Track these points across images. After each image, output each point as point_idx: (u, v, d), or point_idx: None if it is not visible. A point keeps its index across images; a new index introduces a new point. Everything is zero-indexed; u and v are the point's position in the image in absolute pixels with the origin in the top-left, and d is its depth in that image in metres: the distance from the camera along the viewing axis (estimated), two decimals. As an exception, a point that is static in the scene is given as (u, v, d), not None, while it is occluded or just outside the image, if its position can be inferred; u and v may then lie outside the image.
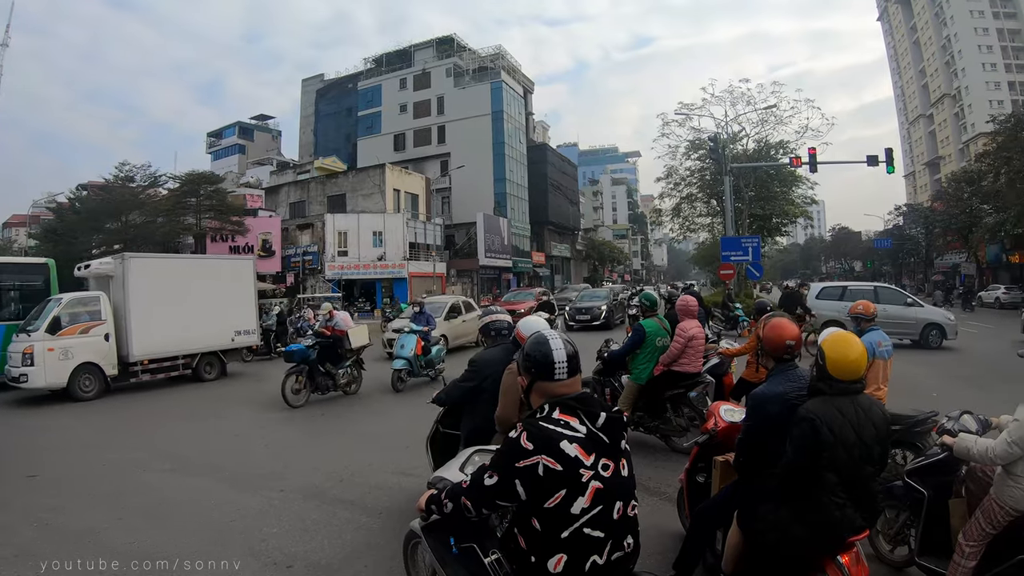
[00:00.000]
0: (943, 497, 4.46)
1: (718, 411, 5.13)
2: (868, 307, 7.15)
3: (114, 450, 9.24)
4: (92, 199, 48.43)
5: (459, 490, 2.89)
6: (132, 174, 46.01)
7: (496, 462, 2.66)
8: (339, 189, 55.95)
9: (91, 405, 13.22)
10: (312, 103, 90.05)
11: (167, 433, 10.39)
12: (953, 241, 59.63)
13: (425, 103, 71.77)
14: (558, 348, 2.77)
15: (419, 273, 50.39)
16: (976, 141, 68.60)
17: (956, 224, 53.57)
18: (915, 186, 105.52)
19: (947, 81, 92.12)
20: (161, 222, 45.16)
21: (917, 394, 10.70)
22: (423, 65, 73.09)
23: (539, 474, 2.49)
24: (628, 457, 2.74)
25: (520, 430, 2.58)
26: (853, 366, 3.52)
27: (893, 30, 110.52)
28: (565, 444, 2.51)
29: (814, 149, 29.51)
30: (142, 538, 5.82)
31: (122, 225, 44.42)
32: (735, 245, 28.15)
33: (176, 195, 46.78)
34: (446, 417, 6.03)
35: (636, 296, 21.71)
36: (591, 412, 2.63)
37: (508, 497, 2.61)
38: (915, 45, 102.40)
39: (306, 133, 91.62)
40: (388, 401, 12.88)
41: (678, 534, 5.29)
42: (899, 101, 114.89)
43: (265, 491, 7.14)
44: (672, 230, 49.35)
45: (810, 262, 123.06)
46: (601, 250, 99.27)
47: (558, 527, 2.51)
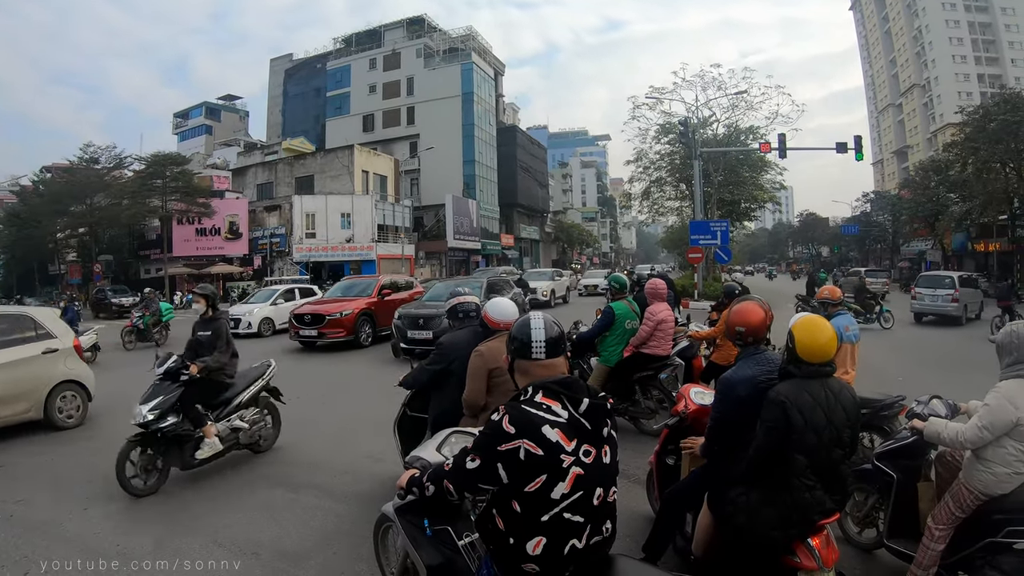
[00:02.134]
0: (912, 480, 4.54)
1: (688, 393, 5.13)
2: (834, 292, 7.25)
3: (78, 440, 9.07)
4: (56, 182, 47.89)
5: (441, 472, 2.85)
6: (97, 156, 45.53)
7: (478, 445, 2.64)
8: (307, 170, 55.79)
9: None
10: (280, 83, 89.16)
11: (127, 421, 10.11)
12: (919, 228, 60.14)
13: (395, 84, 71.43)
14: (538, 328, 2.81)
15: (387, 255, 50.41)
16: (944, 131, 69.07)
17: (923, 212, 54.05)
18: (883, 174, 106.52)
19: (917, 71, 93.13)
20: (126, 204, 44.69)
21: (883, 378, 10.81)
22: (393, 45, 72.70)
23: (520, 458, 2.48)
24: (613, 444, 2.73)
25: (502, 413, 2.57)
26: (823, 349, 3.54)
27: (865, 20, 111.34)
28: (547, 429, 2.50)
29: (783, 135, 29.64)
30: (106, 529, 5.73)
31: (87, 208, 43.97)
32: (704, 229, 28.35)
33: (142, 177, 46.31)
34: (413, 400, 6.00)
35: None
36: (574, 398, 2.61)
37: (490, 480, 2.59)
38: (886, 35, 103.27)
39: (274, 114, 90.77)
40: (354, 384, 12.77)
41: (647, 516, 5.34)
42: (869, 90, 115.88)
43: (230, 478, 7.08)
44: (641, 213, 49.42)
45: (778, 247, 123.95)
46: (570, 233, 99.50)
47: (538, 511, 2.51)
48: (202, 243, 49.03)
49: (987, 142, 37.13)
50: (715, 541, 3.92)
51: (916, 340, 18.55)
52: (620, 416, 8.44)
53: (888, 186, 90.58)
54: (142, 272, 51.73)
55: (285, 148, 64.90)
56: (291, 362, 15.73)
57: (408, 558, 3.59)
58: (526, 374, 2.81)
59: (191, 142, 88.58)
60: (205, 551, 5.23)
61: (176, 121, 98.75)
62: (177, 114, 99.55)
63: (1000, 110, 36.89)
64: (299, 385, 12.50)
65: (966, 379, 11.09)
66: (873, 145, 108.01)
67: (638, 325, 8.35)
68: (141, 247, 52.49)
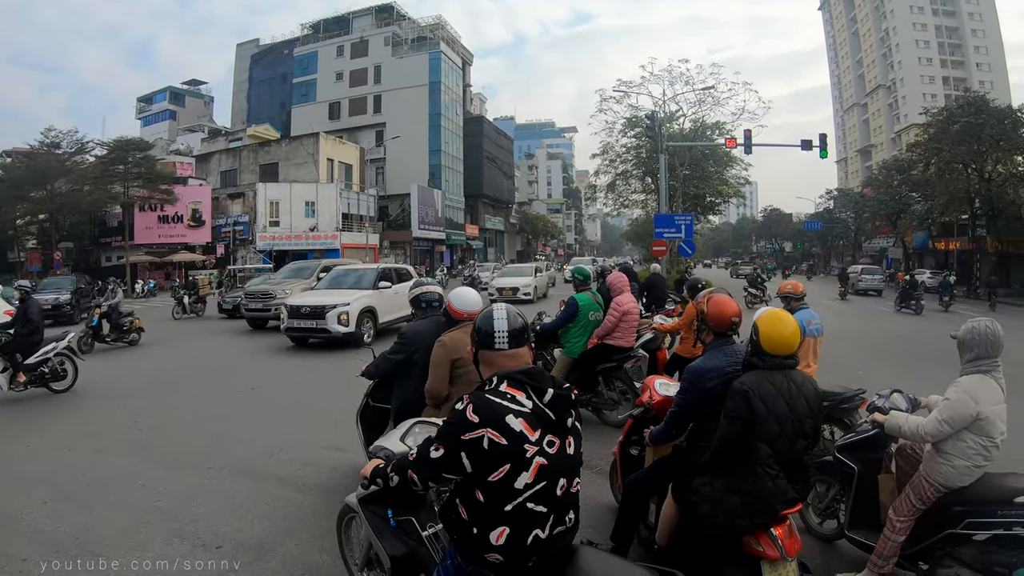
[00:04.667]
0: (872, 473, 4.62)
1: (653, 385, 5.15)
2: (797, 287, 7.24)
3: (36, 432, 8.90)
4: (16, 167, 46.92)
5: (405, 463, 2.84)
6: (58, 140, 44.74)
7: (442, 434, 2.64)
8: (272, 158, 55.41)
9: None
10: (246, 69, 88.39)
11: (92, 412, 10.01)
12: (882, 226, 61.27)
13: (362, 72, 71.24)
14: (500, 319, 2.84)
15: (352, 244, 50.13)
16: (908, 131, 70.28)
17: (885, 210, 55.08)
18: (847, 172, 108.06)
19: (883, 72, 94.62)
20: (88, 191, 43.96)
21: (843, 372, 10.88)
22: (361, 33, 72.46)
23: (484, 447, 2.48)
24: (576, 435, 2.74)
25: (467, 402, 2.58)
26: (786, 341, 3.62)
27: (833, 20, 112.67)
28: (511, 418, 2.51)
29: (749, 131, 29.80)
30: (67, 522, 5.67)
31: (47, 194, 43.23)
32: (668, 222, 28.35)
33: (104, 162, 45.53)
34: (376, 390, 5.99)
35: None
36: (539, 387, 2.63)
37: (454, 470, 2.59)
38: (854, 36, 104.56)
39: (239, 100, 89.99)
40: (317, 374, 12.73)
41: (611, 507, 5.37)
42: (835, 89, 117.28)
43: (193, 469, 7.02)
44: (606, 206, 49.54)
45: (741, 241, 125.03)
46: (535, 224, 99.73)
47: (501, 500, 2.52)
48: (164, 231, 48.61)
49: (950, 143, 37.80)
50: (679, 530, 3.99)
51: (877, 334, 18.88)
52: (583, 407, 8.47)
53: (852, 184, 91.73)
54: (103, 260, 51.14)
55: (250, 135, 64.28)
56: (251, 351, 15.96)
57: (372, 549, 3.61)
58: (490, 364, 2.83)
59: (154, 127, 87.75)
60: (168, 545, 5.20)
61: (140, 106, 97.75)
62: (141, 98, 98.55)
63: (964, 112, 37.57)
64: (260, 375, 12.55)
65: (925, 373, 11.45)
66: (838, 143, 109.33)
67: (602, 317, 8.42)
68: (102, 234, 51.92)
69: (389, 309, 17.42)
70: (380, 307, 17.01)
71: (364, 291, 17.04)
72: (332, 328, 15.43)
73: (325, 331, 15.53)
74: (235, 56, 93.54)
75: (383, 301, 17.16)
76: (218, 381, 12.16)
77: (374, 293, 17.04)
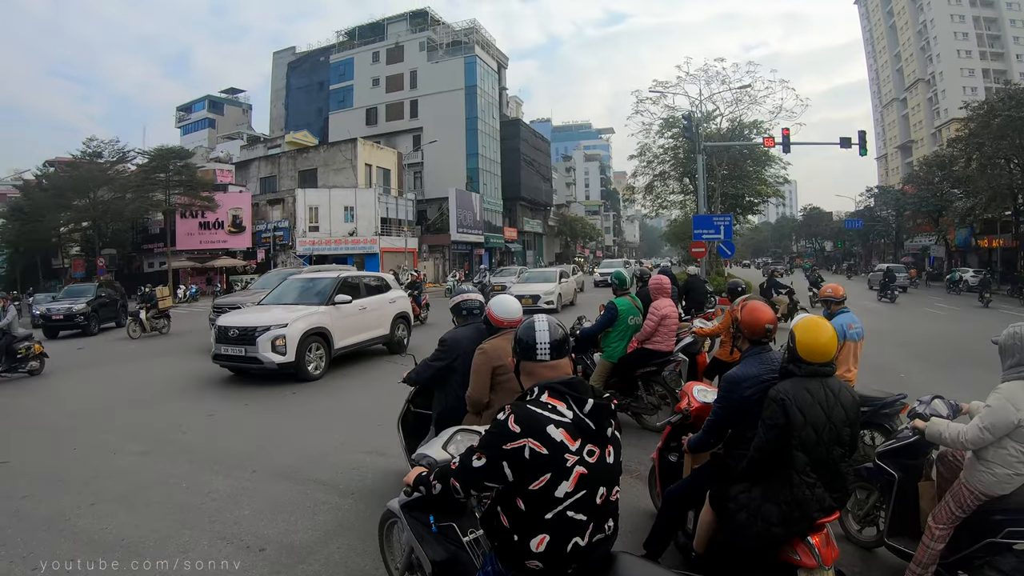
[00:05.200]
0: (913, 480, 4.54)
1: (691, 391, 5.17)
2: (837, 290, 7.16)
3: (84, 433, 9.13)
4: (59, 176, 48.06)
5: (448, 471, 2.90)
6: (100, 150, 45.63)
7: (484, 444, 2.68)
8: (310, 164, 55.72)
9: (51, 387, 13.06)
10: (283, 76, 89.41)
11: (137, 415, 10.19)
12: (923, 224, 60.24)
13: (398, 77, 71.28)
14: (542, 330, 2.88)
15: (391, 248, 50.47)
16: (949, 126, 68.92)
17: (927, 207, 54.08)
18: (887, 168, 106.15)
19: (922, 66, 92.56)
20: (130, 198, 44.91)
21: (885, 374, 10.85)
22: (396, 39, 72.55)
23: (525, 457, 2.52)
24: (616, 444, 2.76)
25: (508, 412, 2.62)
26: (823, 349, 3.59)
27: (870, 13, 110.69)
28: (551, 428, 2.54)
29: (787, 130, 29.50)
30: (114, 523, 5.76)
31: (90, 202, 44.06)
32: (707, 223, 28.11)
33: (145, 171, 46.51)
34: (417, 396, 6.03)
35: None
36: (579, 398, 2.65)
37: (496, 479, 2.64)
38: (891, 29, 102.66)
39: (277, 107, 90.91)
40: (358, 380, 12.77)
41: (649, 512, 5.35)
42: (873, 84, 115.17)
43: (237, 472, 7.11)
44: (644, 207, 49.30)
45: (781, 241, 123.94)
46: (573, 226, 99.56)
47: (542, 509, 2.55)
48: (205, 236, 49.29)
49: (991, 138, 37.08)
50: (716, 538, 3.96)
51: (919, 336, 18.44)
52: (623, 412, 8.45)
53: (892, 181, 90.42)
54: (145, 266, 52.07)
55: (288, 142, 64.83)
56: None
57: (413, 553, 3.62)
58: (531, 375, 2.87)
59: (194, 135, 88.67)
60: (212, 547, 5.26)
61: (179, 115, 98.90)
62: (180, 107, 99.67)
63: (1005, 106, 36.78)
64: (297, 381, 12.49)
65: (967, 376, 11.19)
66: (877, 140, 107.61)
67: (641, 321, 8.38)
68: (144, 241, 52.72)
69: (350, 330, 13.92)
70: (336, 328, 13.36)
71: (312, 308, 13.26)
72: (263, 357, 11.93)
73: (255, 361, 12.05)
74: (272, 64, 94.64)
75: (341, 321, 13.57)
76: (264, 389, 12.14)
77: (327, 310, 13.35)
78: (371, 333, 14.75)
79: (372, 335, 14.80)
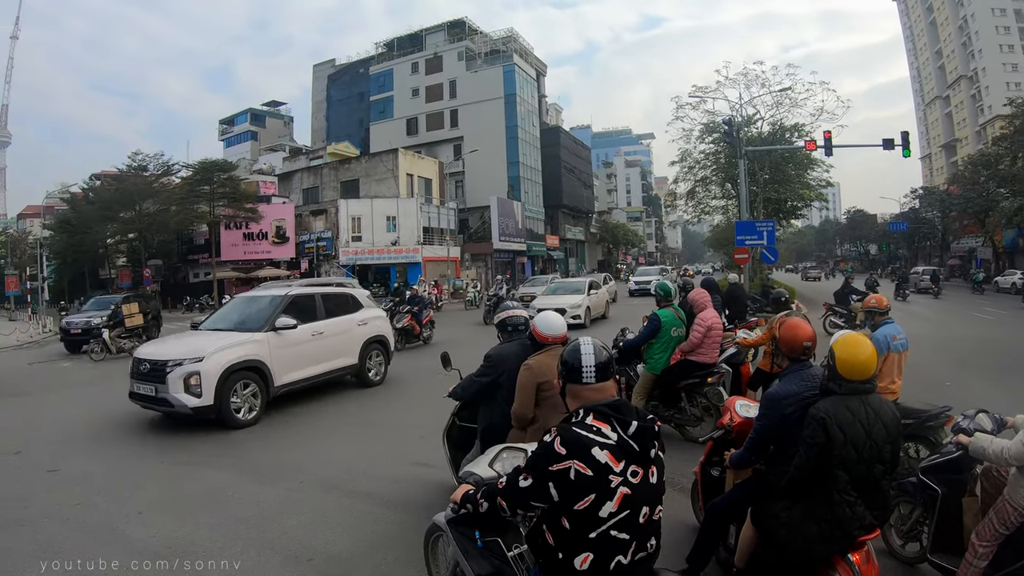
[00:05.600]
0: (957, 495, 4.48)
1: (734, 406, 5.15)
2: (881, 301, 7.01)
3: (132, 443, 9.31)
4: (106, 189, 49.19)
5: (495, 490, 2.98)
6: (145, 163, 46.59)
7: (531, 464, 2.74)
8: (352, 174, 56.18)
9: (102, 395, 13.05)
10: (324, 88, 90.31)
11: (185, 424, 10.17)
12: (969, 225, 58.99)
13: (437, 87, 71.61)
14: (588, 353, 2.90)
15: (433, 257, 50.75)
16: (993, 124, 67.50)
17: (972, 208, 53.03)
18: (931, 168, 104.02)
19: (964, 62, 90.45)
20: (175, 210, 45.85)
21: (930, 383, 10.65)
22: (435, 49, 72.90)
23: (571, 478, 2.57)
24: (659, 464, 2.81)
25: (554, 434, 2.67)
26: (863, 366, 3.57)
27: (909, 10, 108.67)
28: (596, 451, 2.59)
29: (829, 133, 29.13)
30: (162, 532, 5.86)
31: (136, 214, 45.01)
32: (750, 229, 27.83)
33: (189, 183, 47.42)
34: (462, 410, 6.08)
35: None
36: (623, 420, 2.70)
37: (542, 498, 2.69)
38: (931, 25, 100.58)
39: (318, 119, 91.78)
40: (402, 392, 12.76)
41: (691, 526, 5.33)
42: (915, 82, 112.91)
43: (284, 483, 7.18)
44: (686, 213, 48.89)
45: (825, 245, 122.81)
46: (615, 233, 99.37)
47: (586, 528, 2.60)
48: (250, 247, 49.85)
49: (1037, 135, 36.25)
50: (757, 554, 3.99)
51: (964, 342, 18.01)
52: (666, 423, 8.44)
53: (937, 181, 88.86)
54: (191, 276, 52.84)
55: (330, 153, 65.53)
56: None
57: (458, 567, 3.66)
58: (577, 397, 2.90)
59: (237, 148, 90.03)
60: (260, 556, 5.35)
61: (222, 128, 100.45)
62: (223, 121, 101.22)
63: (1050, 102, 35.97)
64: (347, 390, 12.69)
65: (1018, 385, 11.01)
66: (921, 139, 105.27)
67: (684, 333, 8.40)
68: (190, 252, 53.55)
69: (299, 361, 11.31)
70: (276, 360, 10.77)
71: (245, 336, 10.70)
72: (174, 399, 9.55)
73: (166, 403, 9.73)
74: (312, 76, 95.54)
75: (284, 351, 10.93)
76: (310, 399, 12.06)
77: (265, 338, 10.71)
78: (330, 364, 12.11)
79: (332, 366, 12.16)
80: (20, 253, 70.17)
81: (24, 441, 9.47)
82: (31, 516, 6.39)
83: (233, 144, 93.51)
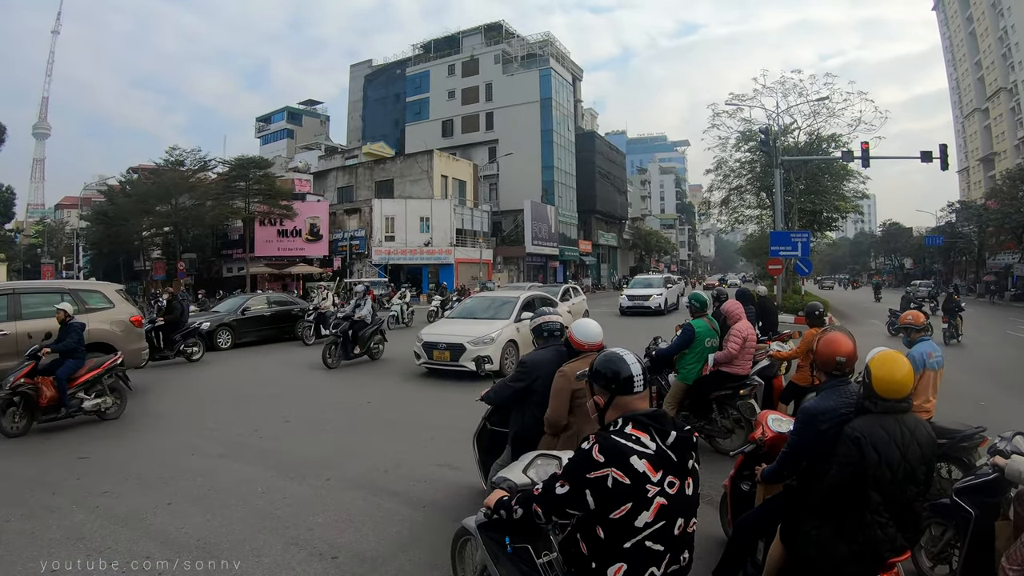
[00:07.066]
0: (990, 518, 4.34)
1: (766, 421, 5.08)
2: (918, 317, 6.87)
3: (162, 433, 9.39)
4: (143, 183, 49.70)
5: (530, 496, 2.95)
6: (182, 158, 46.87)
7: (568, 471, 2.72)
8: (387, 174, 56.61)
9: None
10: (360, 89, 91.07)
11: (216, 417, 10.41)
12: (1007, 241, 57.95)
13: (473, 89, 71.91)
14: (633, 362, 2.88)
15: (465, 259, 51.01)
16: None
17: (1010, 223, 52.24)
18: (968, 182, 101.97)
19: (1003, 74, 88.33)
20: (210, 205, 46.25)
21: (964, 402, 10.51)
22: (471, 51, 73.32)
23: (608, 486, 2.57)
24: (695, 476, 2.80)
25: (593, 442, 2.66)
26: (899, 385, 3.49)
27: (948, 20, 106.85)
28: (635, 459, 2.59)
29: (866, 144, 28.92)
30: (189, 524, 5.87)
31: (172, 208, 45.38)
32: (784, 240, 27.62)
33: (225, 179, 47.90)
34: (494, 414, 6.07)
35: None
36: (662, 430, 2.70)
37: (578, 506, 2.67)
38: (971, 36, 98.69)
39: (354, 118, 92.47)
40: (434, 394, 12.71)
41: (719, 539, 5.28)
42: (954, 94, 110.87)
43: (312, 479, 7.19)
44: (720, 222, 48.54)
45: (859, 257, 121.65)
46: (648, 240, 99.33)
47: (621, 537, 2.60)
48: (283, 244, 50.18)
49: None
50: (785, 572, 3.92)
51: (1000, 362, 17.64)
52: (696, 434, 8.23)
53: (974, 195, 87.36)
54: (224, 271, 53.41)
55: (365, 152, 66.09)
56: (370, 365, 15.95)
57: (486, 572, 3.63)
58: (620, 407, 2.86)
59: (273, 145, 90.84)
60: (286, 552, 5.34)
61: (259, 125, 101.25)
62: (259, 118, 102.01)
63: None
64: (374, 390, 12.78)
65: None
66: (959, 152, 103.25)
67: (717, 344, 8.35)
68: (224, 246, 54.07)
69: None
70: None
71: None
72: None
73: None
74: (349, 76, 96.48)
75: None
76: (340, 397, 12.26)
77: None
78: None
79: None
80: (57, 243, 71.17)
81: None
82: (60, 502, 6.43)
83: (269, 141, 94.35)
